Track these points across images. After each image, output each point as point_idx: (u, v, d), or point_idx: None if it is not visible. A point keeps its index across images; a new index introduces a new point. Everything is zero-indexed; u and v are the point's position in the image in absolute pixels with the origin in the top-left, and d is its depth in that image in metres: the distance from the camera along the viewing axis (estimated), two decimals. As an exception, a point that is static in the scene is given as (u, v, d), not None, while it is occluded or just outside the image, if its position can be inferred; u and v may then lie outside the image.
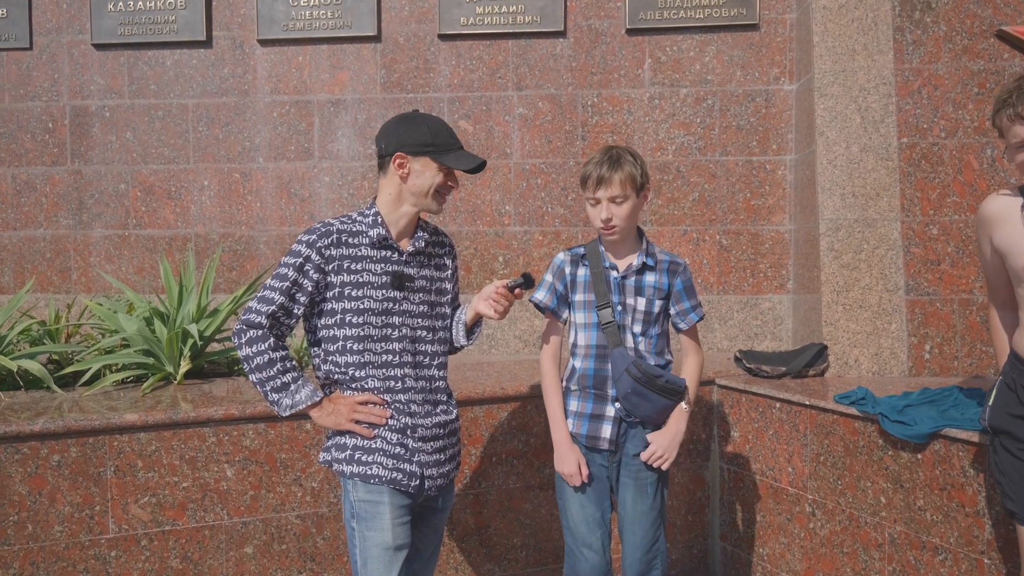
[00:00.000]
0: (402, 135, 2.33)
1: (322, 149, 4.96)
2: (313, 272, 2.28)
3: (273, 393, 2.29)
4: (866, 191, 3.98)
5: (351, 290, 2.31)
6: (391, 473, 2.32)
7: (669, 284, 2.62)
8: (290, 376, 2.30)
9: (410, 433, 2.36)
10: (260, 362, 2.27)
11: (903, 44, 4.07)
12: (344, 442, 2.36)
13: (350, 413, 2.32)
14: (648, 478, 2.60)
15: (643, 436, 2.60)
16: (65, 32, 5.09)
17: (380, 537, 2.30)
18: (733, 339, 4.66)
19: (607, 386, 2.58)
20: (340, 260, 2.30)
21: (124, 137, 5.06)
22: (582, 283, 2.62)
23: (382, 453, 2.33)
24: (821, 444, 3.21)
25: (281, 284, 2.28)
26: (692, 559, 3.78)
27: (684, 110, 4.76)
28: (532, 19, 4.80)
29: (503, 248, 4.85)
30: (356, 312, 2.31)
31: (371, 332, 2.32)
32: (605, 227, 2.53)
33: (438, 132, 2.35)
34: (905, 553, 2.89)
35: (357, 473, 2.31)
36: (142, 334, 3.55)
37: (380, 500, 2.31)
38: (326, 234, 2.30)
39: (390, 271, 2.35)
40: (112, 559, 2.97)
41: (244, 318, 2.29)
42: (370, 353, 2.33)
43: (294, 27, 4.92)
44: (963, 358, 3.84)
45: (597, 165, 2.52)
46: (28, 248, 5.13)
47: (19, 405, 3.17)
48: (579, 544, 2.61)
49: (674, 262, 2.65)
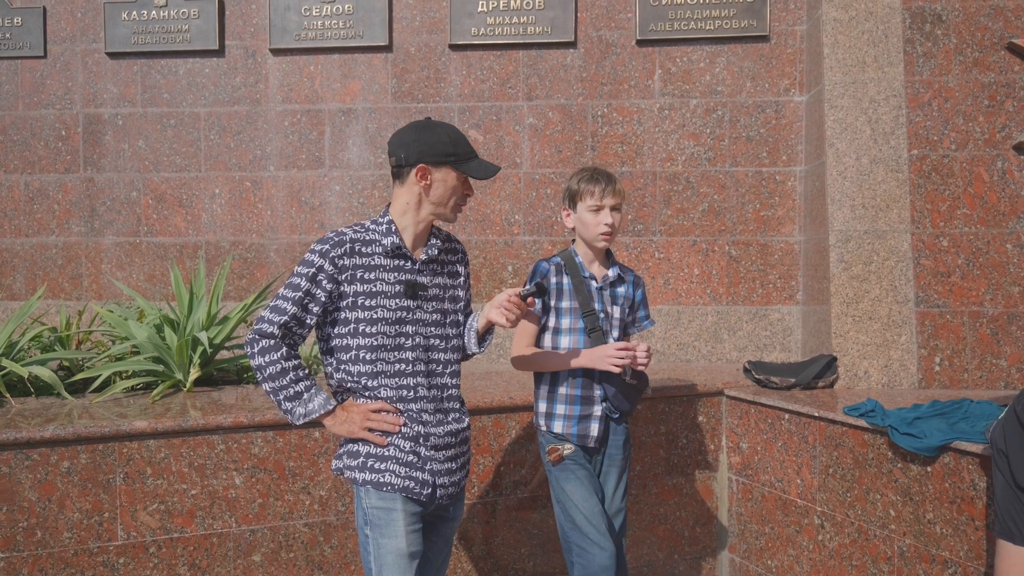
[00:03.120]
0: (424, 145, 2.32)
1: (333, 158, 4.99)
2: (326, 282, 2.27)
3: (286, 402, 2.30)
4: (876, 203, 3.98)
5: (364, 300, 2.30)
6: (403, 481, 2.32)
7: (634, 294, 2.92)
8: (303, 385, 2.30)
9: (423, 441, 2.35)
10: (273, 371, 2.27)
11: (914, 56, 4.07)
12: (357, 449, 2.36)
13: (363, 421, 2.32)
14: (626, 467, 2.91)
15: (623, 430, 2.86)
16: (79, 41, 5.14)
17: (394, 544, 2.30)
18: (742, 350, 4.65)
19: (593, 386, 2.79)
20: (353, 270, 2.29)
21: (136, 145, 5.10)
22: (566, 291, 2.81)
23: (395, 461, 2.33)
24: (830, 456, 3.20)
25: (294, 294, 2.28)
26: (700, 571, 3.77)
27: (694, 121, 4.76)
28: (543, 30, 4.82)
29: (512, 257, 4.86)
30: (369, 322, 2.31)
31: (384, 342, 2.32)
32: (606, 232, 2.75)
33: (458, 141, 2.37)
34: (915, 566, 2.87)
35: (370, 480, 2.31)
36: (152, 341, 3.57)
37: (393, 507, 2.31)
38: (339, 243, 2.29)
39: (403, 280, 2.35)
40: (120, 566, 2.98)
41: (256, 328, 2.29)
42: (383, 363, 2.33)
43: (306, 37, 4.95)
44: (973, 371, 3.82)
45: (594, 179, 2.75)
46: (40, 255, 5.16)
47: (29, 411, 3.19)
48: (593, 537, 2.71)
49: (636, 276, 2.97)
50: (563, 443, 2.80)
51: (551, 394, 2.83)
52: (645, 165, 4.78)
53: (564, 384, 2.80)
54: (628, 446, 2.90)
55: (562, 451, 2.80)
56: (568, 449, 2.79)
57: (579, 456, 2.80)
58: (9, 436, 2.85)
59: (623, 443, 2.86)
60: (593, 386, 2.79)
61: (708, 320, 4.69)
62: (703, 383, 3.78)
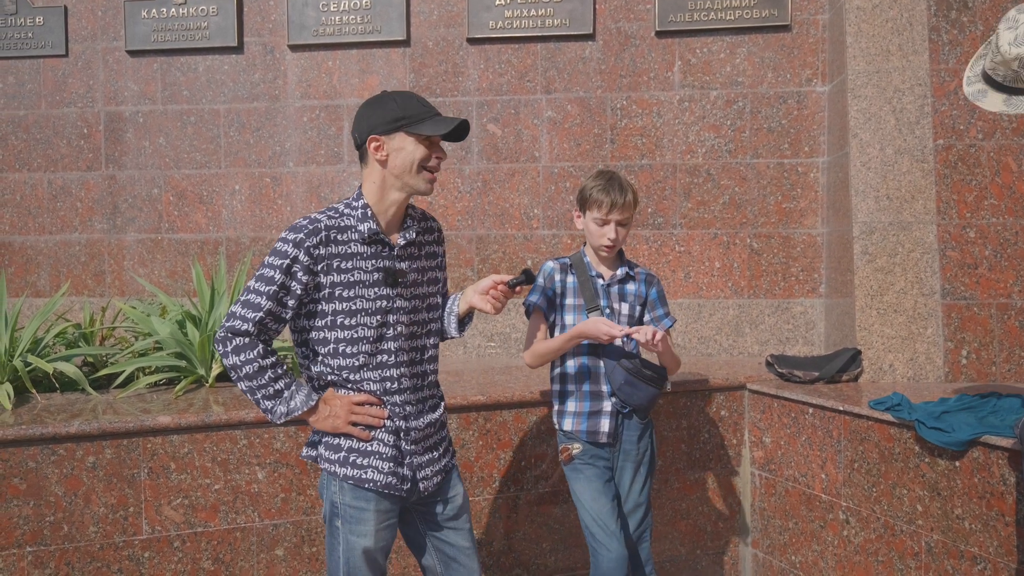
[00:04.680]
0: (372, 117, 2.22)
1: (352, 153, 4.99)
2: (302, 274, 2.16)
3: (266, 401, 2.21)
4: (901, 194, 3.92)
5: (342, 290, 2.20)
6: (386, 477, 2.26)
7: (646, 293, 2.91)
8: (283, 383, 2.21)
9: (403, 436, 2.29)
10: (250, 371, 2.17)
11: (939, 44, 4.01)
12: (338, 443, 2.28)
13: (348, 416, 2.24)
14: (643, 462, 2.86)
15: (637, 425, 2.83)
16: (100, 39, 5.17)
17: (363, 542, 2.26)
18: (764, 343, 4.61)
19: (601, 382, 2.80)
20: (330, 259, 2.18)
21: (157, 142, 5.13)
22: (571, 289, 2.85)
23: (377, 456, 2.26)
24: (855, 450, 3.17)
25: (267, 288, 2.15)
26: (723, 566, 3.75)
27: (714, 112, 4.72)
28: (561, 22, 4.79)
29: (531, 251, 4.84)
30: (348, 313, 2.22)
31: (366, 334, 2.23)
32: (608, 246, 2.78)
33: (407, 104, 2.22)
34: (942, 562, 2.83)
35: (351, 476, 2.25)
36: (175, 337, 3.59)
37: (367, 507, 2.26)
38: (314, 232, 2.17)
39: (382, 268, 2.24)
40: (145, 560, 3.00)
41: (228, 325, 2.18)
42: (365, 355, 2.25)
43: (324, 32, 4.96)
44: (1001, 363, 3.76)
45: (606, 191, 2.73)
46: (64, 252, 5.21)
47: (55, 407, 3.22)
48: (600, 537, 2.72)
49: (649, 274, 2.95)
50: (572, 442, 2.81)
51: (562, 391, 2.85)
52: (665, 158, 4.74)
53: (573, 381, 2.82)
54: (647, 441, 2.88)
55: (571, 450, 2.80)
56: (576, 448, 2.80)
57: (588, 455, 2.79)
58: (35, 431, 2.88)
59: (638, 438, 2.84)
60: (601, 381, 2.80)
61: (729, 313, 4.66)
62: (725, 377, 3.75)
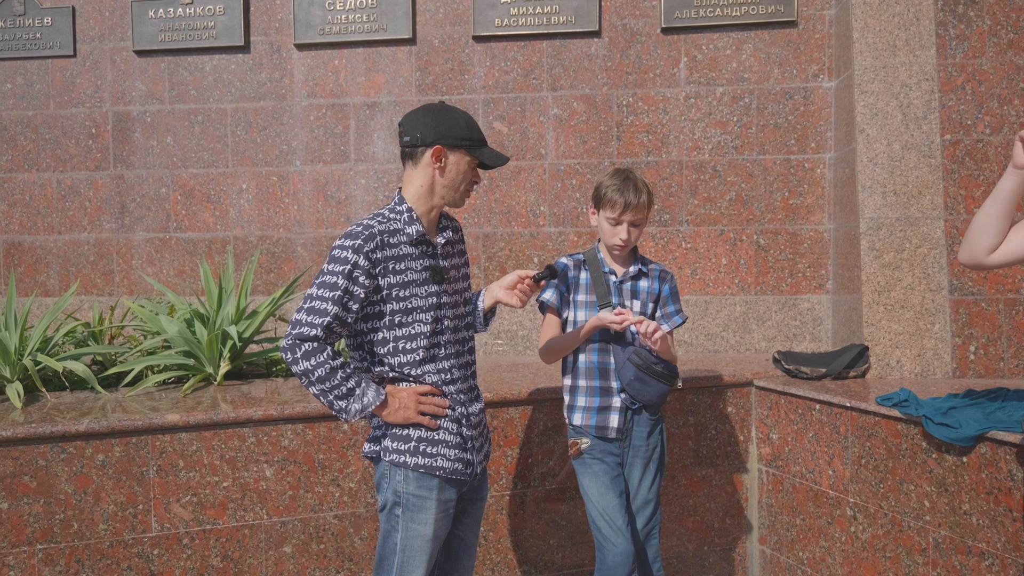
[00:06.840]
0: (440, 127, 2.31)
1: (358, 152, 5.00)
2: (364, 278, 2.25)
3: (339, 401, 2.27)
4: (908, 189, 3.91)
5: (398, 291, 2.31)
6: (453, 464, 2.37)
7: (659, 289, 2.91)
8: (353, 381, 2.28)
9: (464, 422, 2.41)
10: (322, 373, 2.24)
11: (946, 39, 3.99)
12: (407, 433, 2.36)
13: (416, 406, 2.33)
14: (653, 459, 2.87)
15: (647, 421, 2.83)
16: (107, 39, 5.19)
17: (424, 530, 2.34)
18: (771, 340, 4.61)
19: (611, 377, 2.81)
20: (385, 262, 2.28)
21: (164, 142, 5.15)
22: (584, 285, 2.86)
23: (444, 444, 2.37)
24: (863, 446, 3.16)
25: (332, 293, 2.23)
26: (730, 562, 3.74)
27: (720, 109, 4.71)
28: (567, 19, 4.79)
29: (538, 249, 4.84)
30: (405, 312, 2.32)
31: (422, 329, 2.34)
32: (620, 246, 2.79)
33: (473, 127, 2.37)
34: (950, 558, 2.83)
35: (422, 465, 2.33)
36: (183, 336, 3.61)
37: (429, 496, 2.34)
38: (370, 237, 2.26)
39: (428, 266, 2.36)
40: (155, 557, 3.02)
41: (296, 332, 2.24)
42: (423, 350, 2.35)
43: (330, 31, 4.96)
44: (1009, 359, 3.75)
45: (621, 191, 2.73)
46: (72, 251, 5.24)
47: (65, 405, 3.24)
48: (606, 532, 2.74)
49: (663, 270, 2.95)
50: (582, 436, 2.82)
51: (572, 387, 2.87)
52: (671, 154, 4.74)
53: (583, 377, 2.84)
54: (657, 438, 2.89)
55: (580, 445, 2.82)
56: (585, 443, 2.81)
57: (597, 450, 2.81)
58: (45, 430, 2.90)
59: (647, 434, 2.85)
60: (611, 377, 2.81)
61: (736, 310, 4.65)
62: (732, 373, 3.75)
